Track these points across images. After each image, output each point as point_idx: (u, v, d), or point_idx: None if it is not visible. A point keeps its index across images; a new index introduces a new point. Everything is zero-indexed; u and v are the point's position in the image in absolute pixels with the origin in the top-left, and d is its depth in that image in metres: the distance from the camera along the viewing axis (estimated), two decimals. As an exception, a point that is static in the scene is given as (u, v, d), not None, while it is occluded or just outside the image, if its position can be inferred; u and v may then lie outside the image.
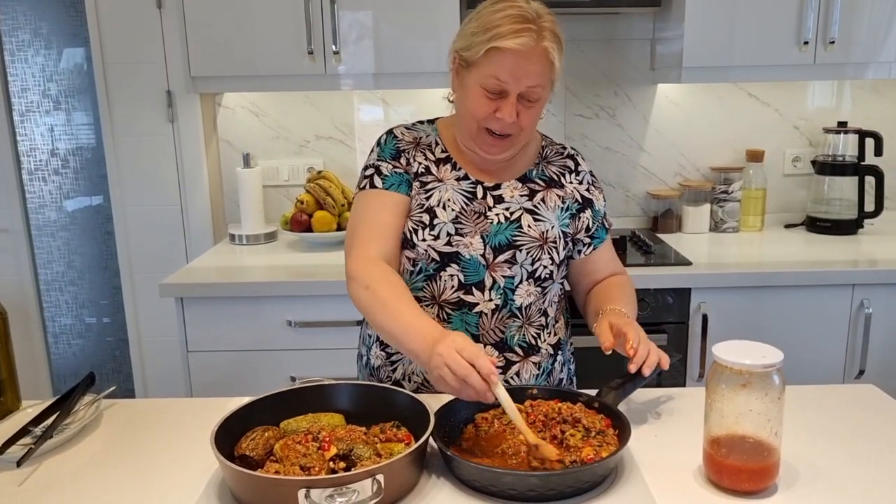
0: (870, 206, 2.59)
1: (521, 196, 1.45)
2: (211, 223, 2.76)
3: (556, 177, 1.50)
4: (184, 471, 1.16)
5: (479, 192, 1.45)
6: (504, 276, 1.41)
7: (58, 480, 1.14)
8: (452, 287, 1.41)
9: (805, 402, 1.35)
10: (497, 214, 1.43)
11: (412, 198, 1.43)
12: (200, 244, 2.75)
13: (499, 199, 1.44)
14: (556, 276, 1.47)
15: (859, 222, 2.61)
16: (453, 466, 1.10)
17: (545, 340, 1.48)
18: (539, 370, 1.47)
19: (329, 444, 1.10)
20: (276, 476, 1.03)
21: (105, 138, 2.70)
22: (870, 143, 2.57)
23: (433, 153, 1.47)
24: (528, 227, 1.42)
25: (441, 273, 1.41)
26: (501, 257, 1.41)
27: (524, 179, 1.48)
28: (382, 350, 1.50)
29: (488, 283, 1.41)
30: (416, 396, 1.21)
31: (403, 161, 1.45)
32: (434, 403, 1.19)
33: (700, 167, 2.82)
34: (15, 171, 2.83)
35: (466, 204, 1.43)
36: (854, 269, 2.21)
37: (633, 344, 1.27)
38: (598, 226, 1.52)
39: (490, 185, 1.45)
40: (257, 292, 2.17)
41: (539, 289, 1.44)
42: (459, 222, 1.41)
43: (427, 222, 1.41)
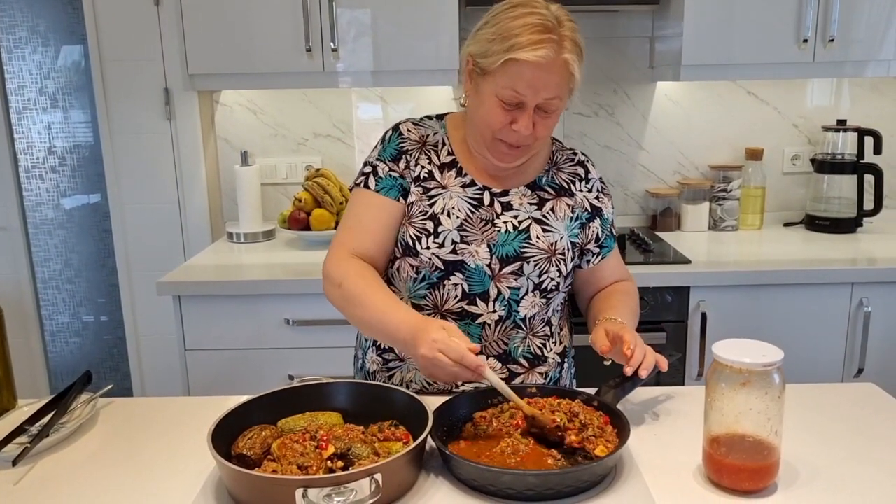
0: (869, 205, 2.59)
1: (531, 204, 1.42)
2: (209, 221, 2.76)
3: (566, 185, 1.46)
4: (181, 470, 1.15)
5: (487, 198, 1.41)
6: (510, 288, 1.38)
7: (54, 479, 1.14)
8: (456, 297, 1.38)
9: (804, 401, 1.35)
10: (505, 222, 1.39)
11: (413, 204, 1.40)
12: (198, 242, 2.74)
13: (507, 206, 1.41)
14: (563, 286, 1.45)
15: (858, 221, 2.61)
16: (452, 465, 1.10)
17: (552, 350, 1.46)
18: (545, 380, 1.46)
19: (327, 443, 1.09)
20: (274, 475, 1.02)
21: (102, 136, 2.69)
22: (869, 141, 2.56)
23: (438, 156, 1.43)
24: (537, 238, 1.39)
25: (445, 282, 1.38)
26: (508, 268, 1.38)
27: (533, 186, 1.44)
28: (379, 356, 1.47)
29: (493, 293, 1.38)
30: (415, 395, 1.20)
31: (403, 164, 1.41)
32: (432, 402, 1.19)
33: (699, 165, 2.82)
34: (12, 168, 2.82)
35: (472, 211, 1.39)
36: (853, 267, 2.21)
37: (630, 346, 1.25)
38: (606, 234, 1.49)
39: (498, 191, 1.42)
40: (255, 290, 2.17)
41: (544, 300, 1.42)
42: (465, 230, 1.37)
43: (431, 230, 1.37)
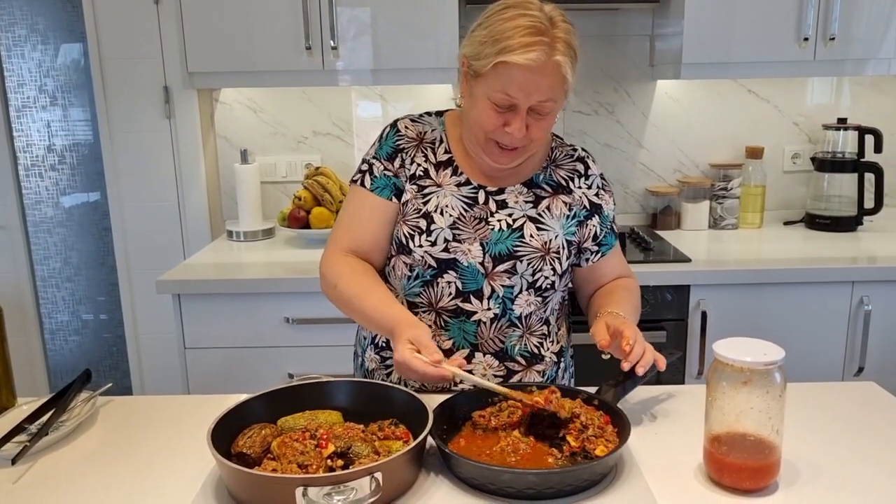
0: (869, 203, 2.59)
1: (526, 202, 1.41)
2: (208, 219, 2.75)
3: (564, 182, 1.44)
4: (180, 468, 1.15)
5: (482, 196, 1.41)
6: (503, 286, 1.38)
7: (53, 478, 1.14)
8: (450, 294, 1.38)
9: (805, 400, 1.34)
10: (499, 221, 1.39)
11: (408, 202, 1.40)
12: (198, 241, 2.74)
13: (502, 205, 1.40)
14: (559, 285, 1.44)
15: (859, 219, 2.61)
16: (452, 464, 1.10)
17: (548, 349, 1.46)
18: (543, 378, 1.46)
19: (327, 441, 1.09)
20: (274, 474, 1.02)
21: (102, 134, 2.69)
22: (869, 139, 2.56)
23: (435, 153, 1.43)
24: (531, 236, 1.39)
25: (438, 280, 1.38)
26: (501, 267, 1.37)
27: (530, 184, 1.43)
28: (377, 354, 1.48)
29: (487, 291, 1.38)
30: (414, 394, 1.20)
31: (398, 162, 1.42)
32: (432, 401, 1.18)
33: (699, 164, 2.81)
34: (11, 167, 2.82)
35: (466, 210, 1.39)
36: (853, 266, 2.21)
37: (630, 341, 1.24)
38: (606, 232, 1.47)
39: (493, 189, 1.41)
40: (255, 289, 2.16)
41: (540, 298, 1.42)
42: (457, 228, 1.38)
43: (424, 228, 1.38)
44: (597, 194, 1.47)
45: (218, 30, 2.32)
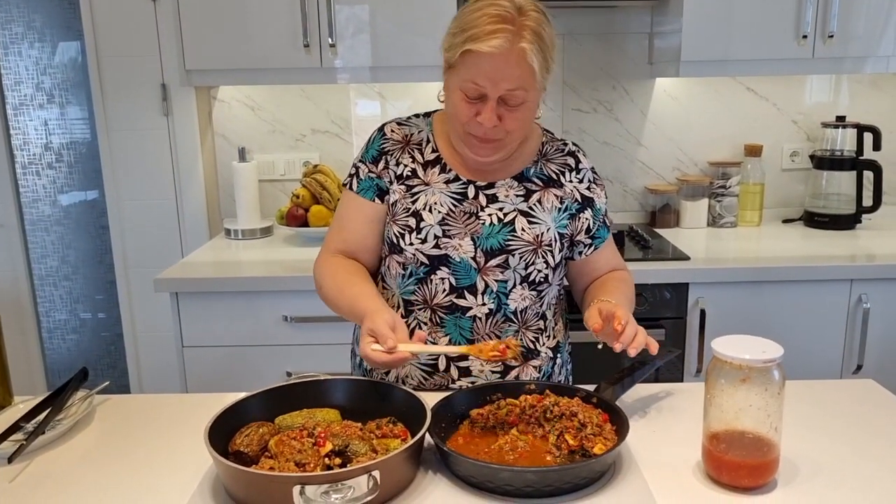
0: (868, 201, 2.59)
1: (517, 196, 1.41)
2: (206, 218, 2.75)
3: (555, 176, 1.45)
4: (178, 467, 1.15)
5: (471, 191, 1.41)
6: (497, 281, 1.38)
7: (49, 477, 1.13)
8: (444, 290, 1.38)
9: (803, 398, 1.34)
10: (490, 215, 1.39)
11: (396, 202, 1.41)
12: (196, 239, 2.73)
13: (492, 199, 1.41)
14: (553, 279, 1.44)
15: (857, 217, 2.61)
16: (450, 462, 1.09)
17: (544, 344, 1.46)
18: (539, 373, 1.45)
19: (324, 440, 1.08)
20: (271, 472, 1.01)
21: (99, 132, 2.68)
22: (868, 137, 2.56)
23: (422, 153, 1.44)
24: (522, 230, 1.39)
25: (432, 276, 1.38)
26: (493, 261, 1.37)
27: (521, 178, 1.43)
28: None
29: (480, 287, 1.38)
30: (412, 392, 1.20)
31: (382, 164, 1.43)
32: (430, 399, 1.18)
33: (698, 162, 2.81)
34: (8, 165, 2.81)
35: (455, 206, 1.39)
36: (852, 264, 2.21)
37: (621, 321, 1.23)
38: (598, 225, 1.47)
39: (483, 184, 1.41)
40: (253, 287, 2.16)
41: (534, 293, 1.42)
42: (447, 224, 1.38)
43: (413, 226, 1.38)
44: (588, 188, 1.47)
45: (216, 27, 2.32)
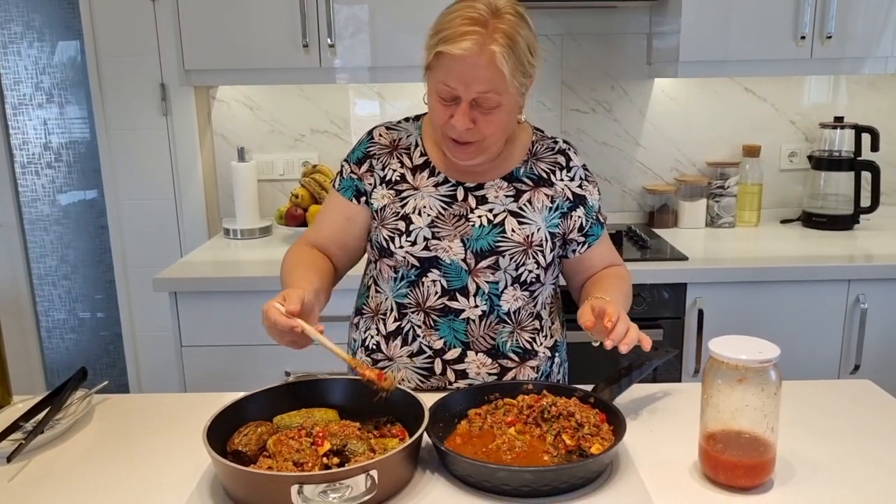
0: (866, 202, 2.59)
1: (507, 197, 1.41)
2: (205, 217, 2.75)
3: (545, 174, 1.43)
4: (176, 466, 1.15)
5: (460, 193, 1.40)
6: (488, 282, 1.38)
7: (49, 476, 1.14)
8: (436, 293, 1.38)
9: (800, 398, 1.35)
10: (479, 217, 1.39)
11: (385, 207, 1.41)
12: (195, 238, 2.73)
13: (482, 200, 1.40)
14: (545, 278, 1.43)
15: (855, 218, 2.61)
16: (447, 462, 1.10)
17: (542, 344, 1.45)
18: (537, 373, 1.45)
19: (322, 439, 1.09)
20: (269, 472, 1.02)
21: (99, 132, 2.68)
22: (866, 138, 2.56)
23: (411, 158, 1.44)
24: (512, 231, 1.38)
25: (423, 279, 1.38)
26: (484, 263, 1.37)
27: (510, 178, 1.42)
28: (368, 356, 1.47)
29: (472, 288, 1.38)
30: (411, 392, 1.20)
31: (366, 167, 1.44)
32: (428, 399, 1.18)
33: (696, 162, 2.81)
34: (7, 164, 2.81)
35: (444, 208, 1.39)
36: (850, 264, 2.21)
37: (612, 318, 1.22)
38: (592, 223, 1.46)
39: (472, 185, 1.41)
40: (252, 287, 2.16)
41: (527, 293, 1.41)
42: (436, 226, 1.38)
43: (403, 229, 1.38)
44: (580, 185, 1.45)
45: (215, 27, 2.32)
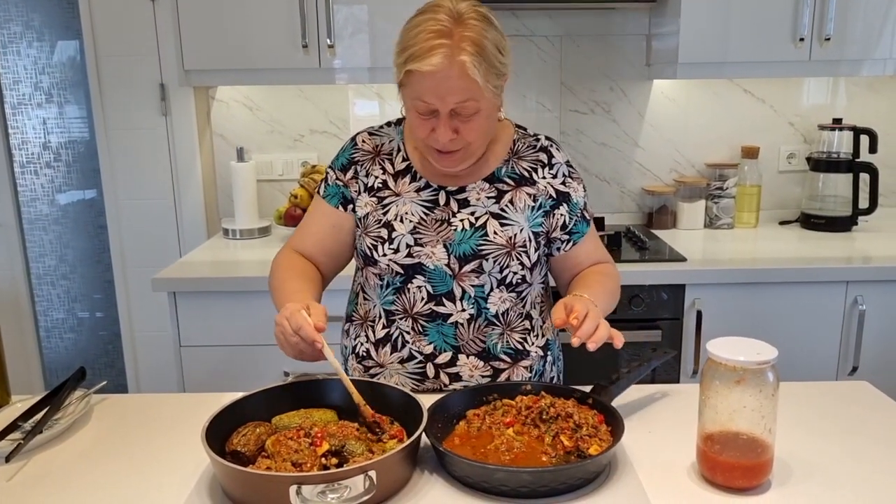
0: (864, 203, 2.60)
1: (489, 198, 1.40)
2: (204, 217, 2.75)
3: (527, 173, 1.42)
4: (175, 467, 1.15)
5: (442, 198, 1.40)
6: (473, 286, 1.37)
7: (47, 476, 1.14)
8: (422, 299, 1.38)
9: (799, 399, 1.35)
10: (462, 220, 1.38)
11: (368, 215, 1.41)
12: (194, 238, 2.73)
13: (464, 203, 1.40)
14: (532, 278, 1.43)
15: (854, 219, 2.61)
16: (446, 462, 1.10)
17: (533, 344, 1.45)
18: (531, 373, 1.45)
19: (321, 440, 1.09)
20: (268, 472, 1.02)
21: (98, 132, 2.68)
22: (864, 140, 2.57)
23: (393, 163, 1.44)
24: (495, 233, 1.37)
25: (408, 285, 1.38)
26: (468, 267, 1.37)
27: (492, 179, 1.41)
28: (359, 363, 1.47)
29: (458, 293, 1.38)
30: (409, 393, 1.20)
31: (350, 173, 1.44)
32: (426, 400, 1.18)
33: (695, 163, 2.82)
34: (6, 164, 2.81)
35: (426, 213, 1.39)
36: (848, 265, 2.22)
37: (577, 315, 1.21)
38: (576, 220, 1.44)
39: (453, 189, 1.41)
40: (250, 287, 2.16)
41: (514, 294, 1.41)
42: (419, 232, 1.38)
43: (386, 237, 1.38)
44: (563, 182, 1.44)
45: (214, 27, 2.32)
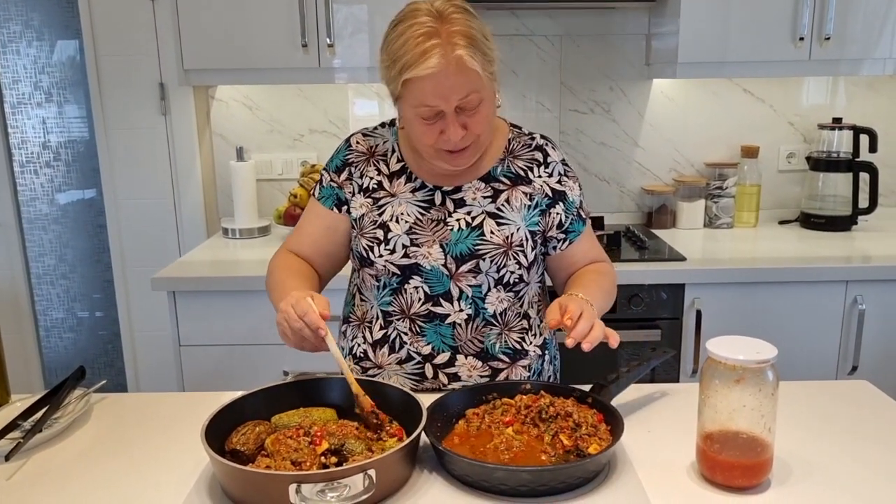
0: (864, 203, 2.60)
1: (485, 198, 1.40)
2: (204, 217, 2.75)
3: (522, 172, 1.42)
4: (174, 465, 1.15)
5: (438, 198, 1.40)
6: (470, 286, 1.37)
7: (47, 475, 1.14)
8: (419, 299, 1.38)
9: (798, 399, 1.35)
10: (458, 220, 1.38)
11: (364, 216, 1.41)
12: (193, 238, 2.73)
13: (460, 203, 1.39)
14: (529, 277, 1.43)
15: (853, 219, 2.61)
16: (445, 461, 1.10)
17: (531, 343, 1.45)
18: (529, 372, 1.45)
19: (321, 438, 1.09)
20: (267, 471, 1.02)
21: (97, 131, 2.68)
22: (864, 139, 2.57)
23: (388, 164, 1.43)
24: (491, 233, 1.37)
25: (405, 286, 1.38)
26: (464, 267, 1.36)
27: (488, 179, 1.41)
28: (356, 363, 1.47)
29: (455, 293, 1.37)
30: (409, 391, 1.20)
31: (345, 175, 1.44)
32: (426, 399, 1.18)
33: (695, 163, 2.82)
34: (6, 163, 2.81)
35: (422, 214, 1.39)
36: (848, 265, 2.22)
37: (571, 316, 1.21)
38: (572, 218, 1.44)
39: (449, 188, 1.40)
40: (250, 286, 2.16)
41: (511, 294, 1.41)
42: (415, 233, 1.37)
43: (382, 238, 1.38)
44: (559, 181, 1.44)
45: (214, 27, 2.32)
